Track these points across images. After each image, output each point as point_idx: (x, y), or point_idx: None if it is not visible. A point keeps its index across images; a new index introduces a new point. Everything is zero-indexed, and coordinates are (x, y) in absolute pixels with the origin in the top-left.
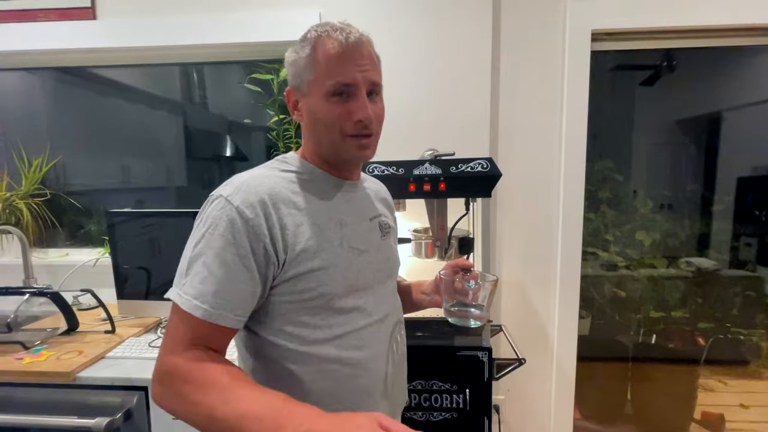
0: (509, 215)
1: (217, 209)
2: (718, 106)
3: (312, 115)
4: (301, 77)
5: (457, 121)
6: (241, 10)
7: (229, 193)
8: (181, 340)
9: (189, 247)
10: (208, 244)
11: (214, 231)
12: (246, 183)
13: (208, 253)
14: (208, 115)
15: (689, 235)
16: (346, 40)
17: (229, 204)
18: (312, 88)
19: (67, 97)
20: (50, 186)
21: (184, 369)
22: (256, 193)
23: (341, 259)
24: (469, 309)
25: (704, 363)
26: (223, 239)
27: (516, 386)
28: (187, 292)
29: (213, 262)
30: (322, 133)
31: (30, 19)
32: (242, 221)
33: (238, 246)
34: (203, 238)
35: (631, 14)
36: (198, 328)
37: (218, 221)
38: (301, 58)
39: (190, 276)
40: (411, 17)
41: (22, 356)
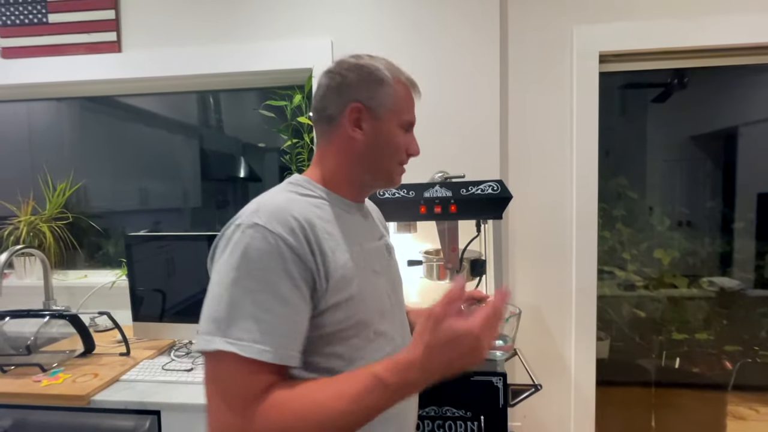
0: (521, 236)
1: (258, 239)
2: (733, 122)
3: (381, 139)
4: (379, 101)
5: (468, 143)
6: (256, 41)
7: (265, 221)
8: (246, 395)
9: (225, 285)
10: (255, 280)
11: (259, 263)
12: (278, 207)
13: (257, 289)
14: (223, 139)
15: (710, 253)
16: (410, 80)
17: (270, 232)
18: (388, 116)
19: (91, 124)
20: (72, 209)
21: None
22: (293, 218)
23: (369, 284)
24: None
25: (733, 389)
26: (274, 272)
27: (533, 412)
28: (242, 338)
29: (267, 299)
30: (385, 157)
31: (61, 54)
32: (288, 249)
33: (291, 277)
34: (246, 273)
35: (638, 36)
36: (264, 375)
37: (262, 252)
38: (389, 84)
39: (238, 319)
40: (419, 43)
41: (40, 379)
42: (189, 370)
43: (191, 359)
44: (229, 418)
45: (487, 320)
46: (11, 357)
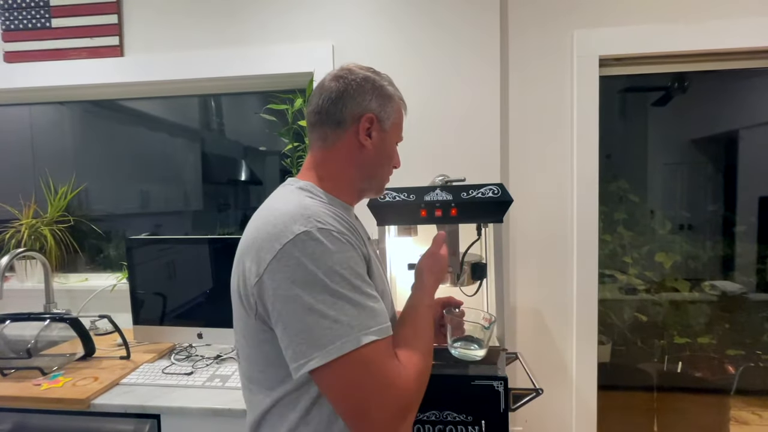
0: (522, 240)
1: (332, 240)
2: (734, 125)
3: (384, 150)
4: (388, 113)
5: (468, 147)
6: (257, 45)
7: (327, 225)
8: (398, 366)
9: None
10: (350, 275)
11: (344, 261)
12: (322, 212)
13: (357, 283)
14: (224, 142)
15: (711, 257)
16: (404, 104)
17: (338, 232)
18: (391, 131)
19: (93, 128)
20: (73, 212)
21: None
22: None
23: (384, 285)
24: (470, 344)
25: (735, 393)
26: (356, 264)
27: (534, 417)
28: (371, 326)
29: (365, 287)
30: (382, 166)
31: (63, 58)
32: (354, 245)
33: (365, 264)
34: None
35: (638, 40)
36: (390, 344)
37: (341, 251)
38: (395, 100)
39: (361, 312)
40: (420, 48)
41: (40, 382)
42: (189, 373)
43: (191, 363)
44: (398, 393)
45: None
46: (11, 360)
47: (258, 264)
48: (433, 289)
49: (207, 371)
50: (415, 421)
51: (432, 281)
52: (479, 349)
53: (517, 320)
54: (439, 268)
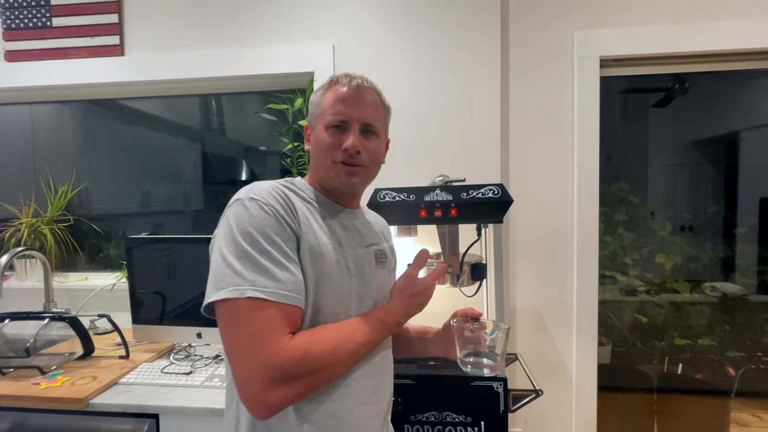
0: (522, 240)
1: (256, 209)
2: (735, 127)
3: (315, 144)
4: (313, 114)
5: (468, 147)
6: (258, 44)
7: (259, 196)
8: (283, 330)
9: (239, 247)
10: (263, 239)
11: (262, 227)
12: (268, 187)
13: (267, 247)
14: (225, 142)
15: (712, 258)
16: (349, 84)
17: (265, 203)
18: (318, 122)
19: (94, 127)
20: (73, 211)
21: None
22: (279, 194)
23: (336, 276)
24: (482, 359)
25: (736, 395)
26: (275, 233)
27: (534, 418)
28: (267, 286)
29: (276, 253)
30: (320, 159)
31: (64, 57)
32: (280, 216)
33: (289, 237)
34: (253, 235)
35: (639, 41)
36: (291, 317)
37: (262, 218)
38: (316, 98)
39: (259, 271)
40: (421, 48)
41: (39, 381)
42: (188, 373)
43: (190, 362)
44: (267, 350)
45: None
46: (10, 359)
47: None
48: (397, 310)
49: (206, 371)
50: (414, 422)
51: (399, 303)
52: (491, 362)
53: (517, 321)
54: (412, 291)
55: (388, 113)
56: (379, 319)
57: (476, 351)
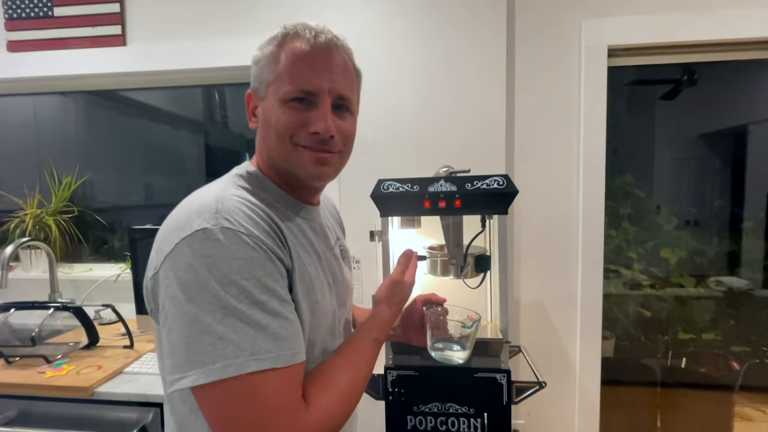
0: (527, 232)
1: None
2: (743, 120)
3: (266, 122)
4: (260, 79)
5: (473, 137)
6: (262, 34)
7: (237, 224)
8: (297, 400)
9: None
10: (253, 288)
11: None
12: (238, 205)
13: (259, 299)
14: (227, 134)
15: (718, 252)
16: (315, 40)
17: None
18: (269, 91)
19: (97, 119)
20: (78, 203)
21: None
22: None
23: (324, 299)
24: (452, 346)
25: (740, 389)
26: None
27: (537, 410)
28: (270, 350)
29: (271, 304)
30: (273, 143)
31: (65, 47)
32: (270, 251)
33: (281, 276)
34: (240, 284)
35: (648, 29)
36: (298, 377)
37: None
38: (263, 56)
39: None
40: (425, 37)
41: (44, 370)
42: None
43: None
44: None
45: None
46: (16, 348)
47: (157, 256)
48: (387, 322)
49: None
50: (417, 413)
51: (388, 314)
52: (461, 351)
53: (521, 313)
54: (401, 297)
55: (360, 81)
56: (375, 340)
57: (445, 338)
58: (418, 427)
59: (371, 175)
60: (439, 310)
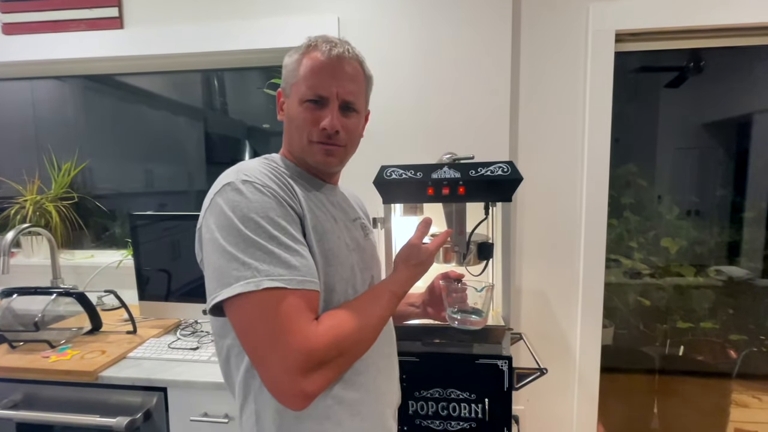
0: (530, 220)
1: (254, 192)
2: (748, 109)
3: (289, 117)
4: (287, 80)
5: (477, 124)
6: (261, 17)
7: (254, 178)
8: (308, 317)
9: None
10: (269, 225)
11: (266, 211)
12: (261, 169)
13: (274, 233)
14: (227, 121)
15: (719, 242)
16: (329, 52)
17: (263, 185)
18: (293, 91)
19: (95, 105)
20: (78, 189)
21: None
22: (277, 177)
23: (340, 252)
24: (469, 315)
25: (737, 377)
26: (280, 217)
27: (536, 396)
28: (283, 274)
29: (285, 239)
30: (294, 135)
31: (61, 30)
32: (282, 199)
33: (293, 221)
34: (257, 221)
35: (657, 14)
36: (311, 302)
37: (263, 201)
38: (291, 62)
39: (272, 259)
40: (428, 21)
41: (49, 354)
42: (195, 348)
43: (197, 338)
44: (298, 339)
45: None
46: (20, 333)
47: (200, 217)
48: (406, 281)
49: (212, 346)
50: (418, 398)
51: (406, 274)
52: (478, 317)
53: (522, 301)
54: (417, 260)
55: (370, 84)
56: (391, 291)
57: (462, 308)
58: (419, 412)
59: (374, 161)
60: (457, 284)
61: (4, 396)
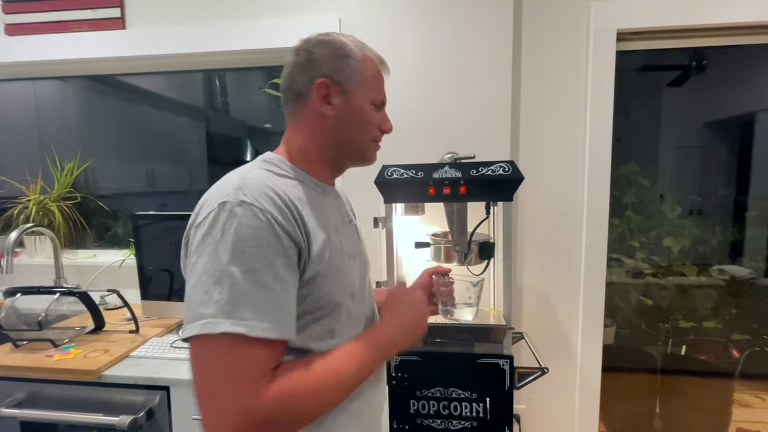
0: (531, 220)
1: (248, 217)
2: (750, 108)
3: (351, 114)
4: (347, 76)
5: (478, 123)
6: (262, 17)
7: (252, 199)
8: (261, 372)
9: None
10: (252, 259)
11: (253, 242)
12: (261, 184)
13: (255, 269)
14: (229, 121)
15: (721, 241)
16: (383, 65)
17: (260, 210)
18: (357, 91)
19: (97, 105)
20: (80, 189)
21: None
22: (278, 196)
23: (343, 264)
24: (463, 308)
25: (739, 376)
26: (269, 250)
27: (538, 396)
28: (247, 318)
29: (266, 278)
30: (356, 132)
31: (64, 30)
32: (279, 227)
33: (285, 255)
34: (242, 253)
35: (659, 12)
36: (269, 352)
37: (255, 231)
38: (356, 59)
39: (241, 299)
40: (429, 20)
41: (52, 353)
42: None
43: None
44: (240, 398)
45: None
46: (23, 332)
47: (189, 230)
48: (398, 347)
49: None
50: (420, 397)
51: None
52: (469, 309)
53: (524, 300)
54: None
55: None
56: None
57: (452, 302)
58: (421, 411)
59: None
60: (446, 278)
61: (7, 395)
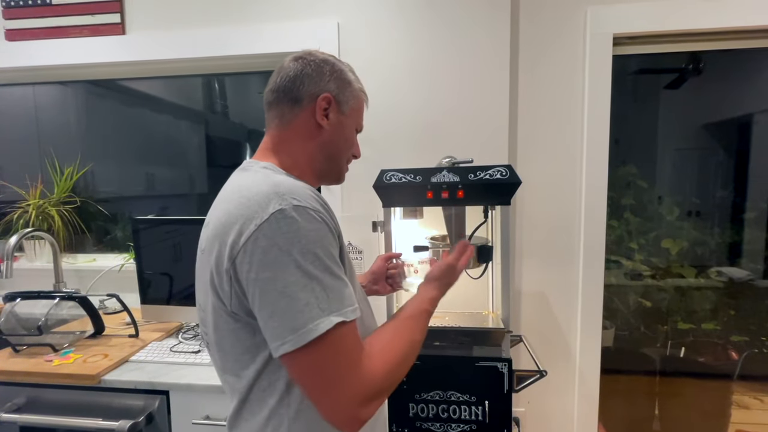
0: (529, 223)
1: (308, 219)
2: (748, 110)
3: (341, 132)
4: (346, 98)
5: (476, 128)
6: (261, 22)
7: (305, 202)
8: (358, 349)
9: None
10: (324, 256)
11: (318, 241)
12: (300, 188)
13: (328, 264)
14: (228, 124)
15: (719, 243)
16: (367, 99)
17: (315, 211)
18: (351, 114)
19: (97, 109)
20: (80, 193)
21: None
22: (318, 196)
23: (353, 265)
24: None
25: (738, 378)
26: (330, 246)
27: (537, 398)
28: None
29: (336, 268)
30: (338, 151)
31: (64, 36)
32: (330, 225)
33: (339, 246)
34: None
35: (655, 17)
36: (356, 330)
37: (317, 231)
38: (355, 87)
39: (330, 294)
40: (427, 24)
41: (52, 358)
42: (196, 352)
43: (199, 341)
44: (357, 378)
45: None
46: (23, 337)
47: (232, 248)
48: (437, 298)
49: None
50: (419, 400)
51: (438, 294)
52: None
53: (522, 303)
54: (449, 279)
55: None
56: (427, 312)
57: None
58: (420, 415)
59: (373, 165)
60: (400, 262)
61: (7, 399)
